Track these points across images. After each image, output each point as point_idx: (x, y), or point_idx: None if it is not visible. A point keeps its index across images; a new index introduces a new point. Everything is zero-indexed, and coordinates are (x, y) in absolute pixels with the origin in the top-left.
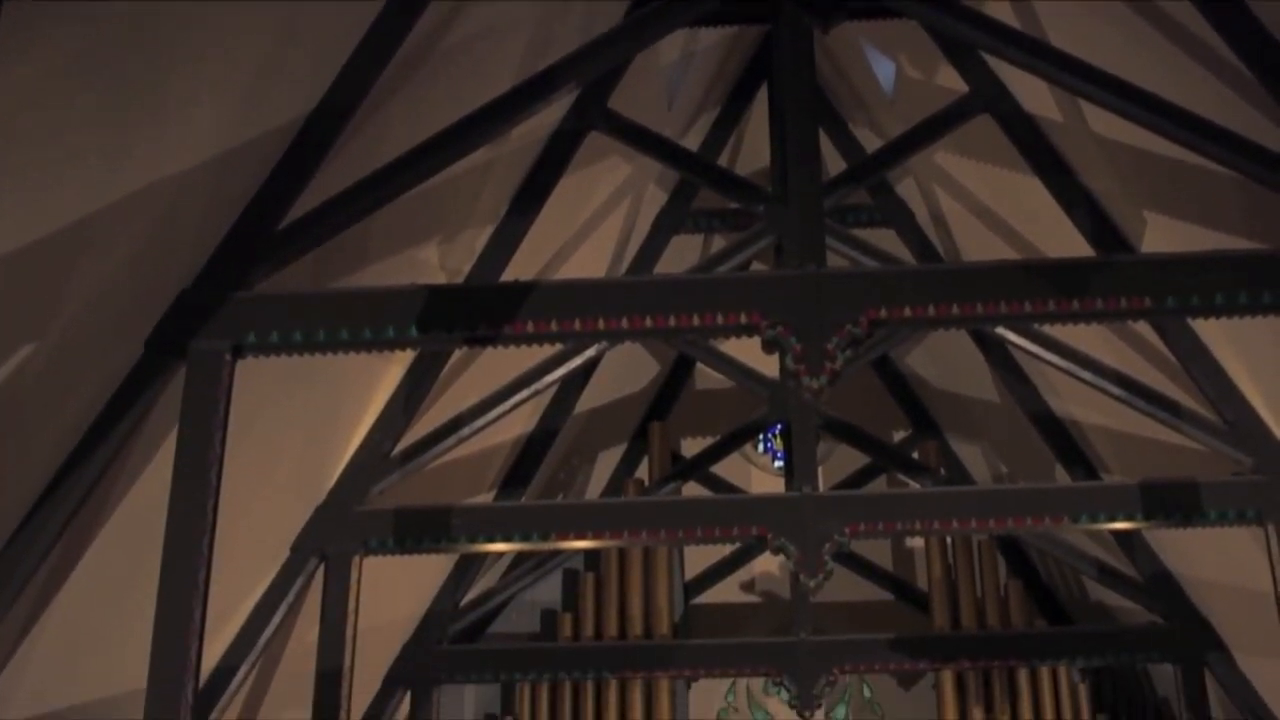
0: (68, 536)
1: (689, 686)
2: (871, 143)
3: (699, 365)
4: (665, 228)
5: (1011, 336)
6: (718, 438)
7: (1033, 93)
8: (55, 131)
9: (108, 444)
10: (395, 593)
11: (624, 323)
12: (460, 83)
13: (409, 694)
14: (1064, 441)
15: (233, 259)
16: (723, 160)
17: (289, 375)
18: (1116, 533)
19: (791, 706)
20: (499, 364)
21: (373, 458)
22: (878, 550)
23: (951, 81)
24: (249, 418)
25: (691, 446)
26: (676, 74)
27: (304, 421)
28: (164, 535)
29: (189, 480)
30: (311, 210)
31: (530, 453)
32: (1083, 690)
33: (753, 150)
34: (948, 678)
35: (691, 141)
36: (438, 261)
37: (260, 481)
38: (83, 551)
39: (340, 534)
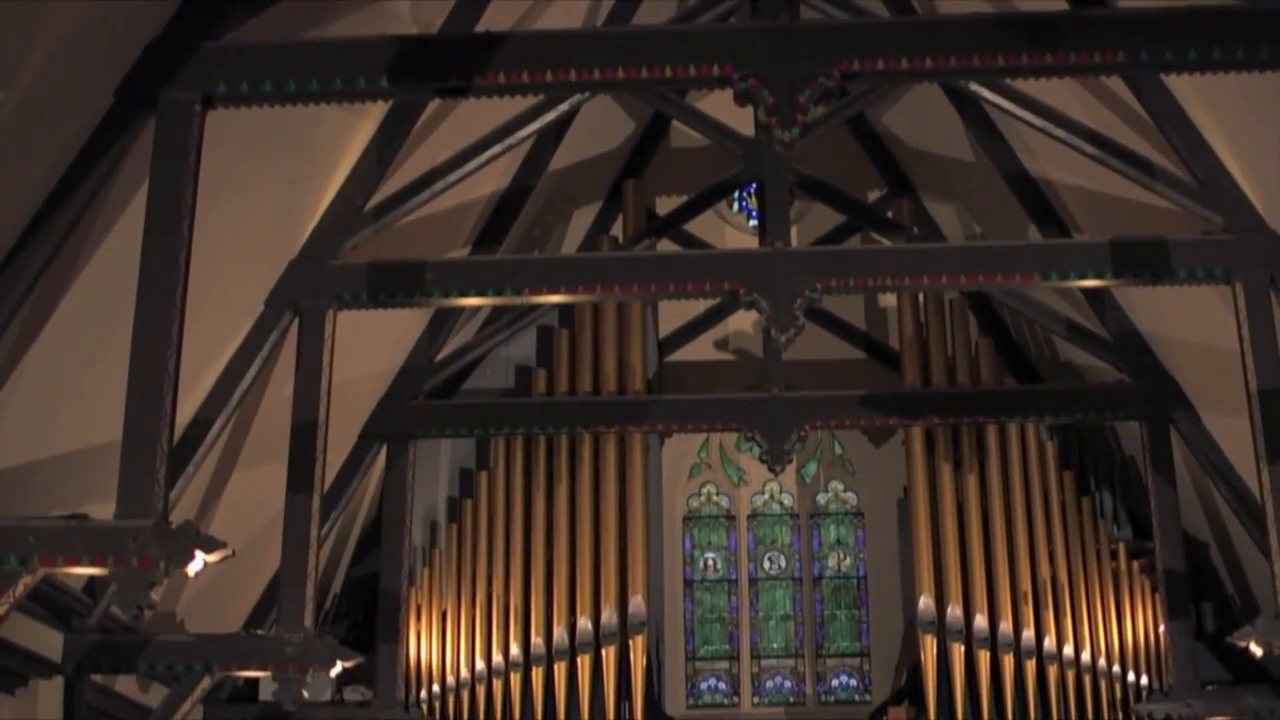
0: (41, 289)
1: (662, 442)
2: None
3: (674, 123)
4: None
5: (986, 94)
6: (692, 195)
7: None
8: None
9: (79, 195)
10: (370, 348)
11: (596, 74)
12: None
13: (384, 448)
14: (1037, 201)
15: (202, 8)
16: None
17: (261, 130)
18: (1087, 291)
19: (763, 461)
20: (473, 118)
21: (345, 212)
22: (850, 309)
23: None
24: (221, 172)
25: (666, 205)
26: None
27: (276, 176)
28: (137, 287)
29: (161, 232)
30: None
31: (505, 209)
32: (1050, 447)
33: None
34: (917, 434)
35: None
36: (409, 13)
37: (233, 235)
38: (57, 304)
39: (314, 288)
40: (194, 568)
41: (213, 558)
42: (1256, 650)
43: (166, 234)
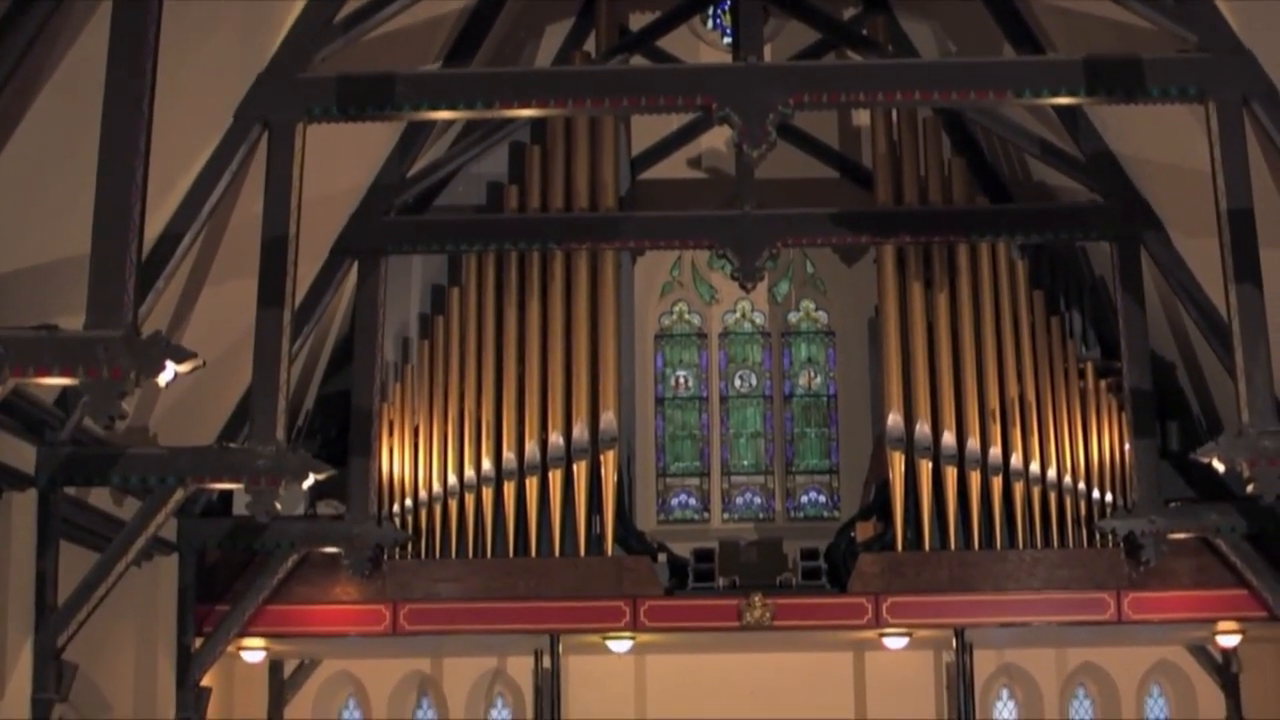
0: (6, 99)
1: (634, 260)
2: None
3: None
4: None
5: None
6: (665, 11)
7: None
8: None
9: (42, 4)
10: (340, 163)
11: None
12: None
13: (355, 264)
14: (1012, 18)
15: None
16: None
17: None
18: (1060, 110)
19: (734, 279)
20: None
21: (315, 23)
22: (824, 127)
23: None
24: None
25: (639, 21)
26: None
27: None
28: (103, 98)
29: (127, 41)
30: None
31: (476, 23)
32: (1020, 267)
33: None
34: (889, 253)
35: None
36: None
37: (201, 47)
38: (23, 114)
39: (283, 101)
40: (165, 378)
41: (183, 368)
42: (1219, 466)
43: (132, 44)
